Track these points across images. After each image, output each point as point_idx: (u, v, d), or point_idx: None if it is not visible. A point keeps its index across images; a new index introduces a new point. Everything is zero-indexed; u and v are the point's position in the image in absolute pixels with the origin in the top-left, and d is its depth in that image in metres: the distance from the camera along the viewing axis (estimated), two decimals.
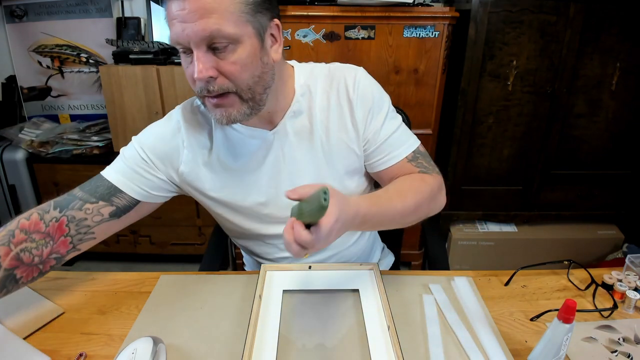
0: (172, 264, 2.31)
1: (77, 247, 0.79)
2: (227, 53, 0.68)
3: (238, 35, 0.67)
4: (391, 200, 0.76)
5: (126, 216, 0.82)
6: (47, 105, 2.39)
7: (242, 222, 0.90)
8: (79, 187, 0.81)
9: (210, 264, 1.06)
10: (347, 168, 0.88)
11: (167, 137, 0.84)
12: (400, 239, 1.26)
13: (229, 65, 0.69)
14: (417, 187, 0.82)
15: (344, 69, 0.87)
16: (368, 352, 0.69)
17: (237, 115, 0.74)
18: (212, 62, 0.68)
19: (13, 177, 2.10)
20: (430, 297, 0.82)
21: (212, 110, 0.75)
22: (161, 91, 1.98)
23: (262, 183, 0.86)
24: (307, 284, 0.84)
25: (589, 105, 1.88)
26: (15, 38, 2.25)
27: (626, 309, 0.81)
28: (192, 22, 0.65)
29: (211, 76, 0.68)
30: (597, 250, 2.13)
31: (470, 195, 2.06)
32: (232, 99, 0.72)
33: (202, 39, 0.66)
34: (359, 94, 0.84)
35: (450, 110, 1.91)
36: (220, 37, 0.66)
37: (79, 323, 0.77)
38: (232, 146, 0.84)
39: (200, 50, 0.67)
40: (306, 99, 0.85)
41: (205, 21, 0.64)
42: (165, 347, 0.68)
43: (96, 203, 0.78)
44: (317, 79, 0.86)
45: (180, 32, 0.66)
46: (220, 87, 0.70)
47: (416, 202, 0.79)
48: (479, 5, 1.68)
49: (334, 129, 0.85)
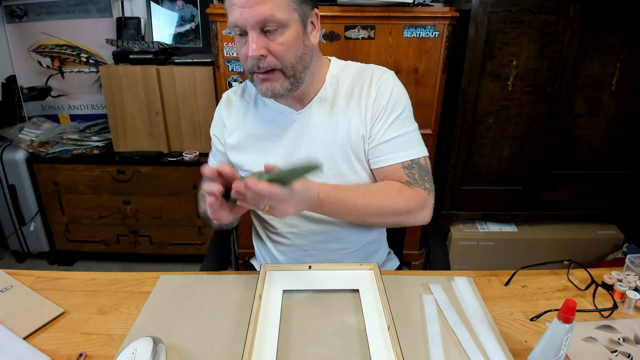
0: (172, 264, 2.31)
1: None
2: (276, 35, 0.79)
3: (286, 20, 0.79)
4: (353, 195, 0.84)
5: None
6: (47, 105, 2.39)
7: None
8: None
9: (211, 264, 1.06)
10: (357, 154, 0.92)
11: (221, 110, 1.01)
12: (401, 240, 1.26)
13: (278, 45, 0.80)
14: (388, 193, 0.87)
15: (376, 67, 0.97)
16: (368, 352, 0.69)
17: (280, 89, 0.85)
18: (264, 42, 0.79)
19: (13, 177, 2.10)
20: (430, 297, 0.83)
21: (259, 85, 0.86)
22: (161, 91, 1.98)
23: (279, 154, 0.94)
24: (307, 284, 0.85)
25: (589, 105, 1.88)
26: (15, 38, 2.26)
27: (626, 309, 0.81)
28: (249, 8, 0.76)
29: (262, 55, 0.80)
30: (597, 250, 2.13)
31: (470, 195, 2.06)
32: (277, 74, 0.83)
33: (257, 22, 0.77)
34: (380, 90, 0.92)
35: (450, 110, 1.91)
36: (272, 22, 0.78)
37: (79, 323, 0.77)
38: (264, 118, 0.96)
39: (255, 31, 0.78)
40: (333, 89, 0.94)
41: (261, 7, 0.76)
42: (165, 347, 0.68)
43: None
44: (347, 73, 0.95)
45: (239, 16, 0.77)
46: (269, 64, 0.81)
47: (379, 207, 0.85)
48: (479, 5, 1.68)
49: (352, 116, 0.92)
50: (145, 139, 2.07)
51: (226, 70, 1.79)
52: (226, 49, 1.74)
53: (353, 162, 0.93)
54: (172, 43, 2.22)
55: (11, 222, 2.20)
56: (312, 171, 0.68)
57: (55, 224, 2.22)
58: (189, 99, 1.99)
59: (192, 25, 2.21)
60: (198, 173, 1.74)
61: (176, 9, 2.19)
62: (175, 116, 2.03)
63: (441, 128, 1.92)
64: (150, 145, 2.09)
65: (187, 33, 2.22)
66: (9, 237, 2.25)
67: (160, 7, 2.19)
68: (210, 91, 1.97)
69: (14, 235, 2.24)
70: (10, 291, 0.84)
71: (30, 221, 2.19)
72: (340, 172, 0.92)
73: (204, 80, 1.96)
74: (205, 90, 1.97)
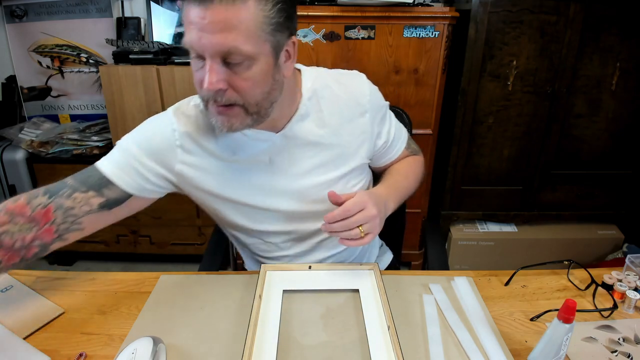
0: (172, 264, 2.31)
1: (62, 237, 0.76)
2: (241, 68, 0.67)
3: (255, 53, 0.67)
4: (405, 186, 0.95)
5: (117, 209, 0.81)
6: (47, 105, 2.39)
7: (243, 220, 0.90)
8: (72, 175, 0.81)
9: (210, 264, 1.06)
10: (353, 168, 0.91)
11: (160, 136, 0.82)
12: (400, 239, 1.26)
13: (241, 81, 0.68)
14: (415, 171, 1.01)
15: (350, 76, 0.91)
16: (368, 352, 0.69)
17: (239, 126, 0.74)
18: (225, 74, 0.67)
19: (13, 177, 2.10)
20: (430, 297, 0.82)
21: (213, 116, 0.73)
22: (161, 91, 1.98)
23: (267, 183, 0.86)
24: (307, 284, 0.84)
25: (589, 105, 1.88)
26: (15, 38, 2.25)
27: (626, 309, 0.81)
28: (210, 34, 0.63)
29: (221, 88, 0.68)
30: (597, 250, 2.12)
31: (470, 195, 2.06)
32: (237, 110, 0.72)
33: (217, 52, 0.65)
34: (373, 103, 0.90)
35: (450, 110, 1.91)
36: (237, 54, 0.65)
37: (79, 323, 0.77)
38: (238, 147, 0.83)
39: (214, 61, 0.66)
40: (313, 103, 0.85)
41: (224, 35, 0.63)
42: (165, 347, 0.68)
43: (85, 192, 0.77)
44: (324, 84, 0.87)
45: (197, 39, 0.64)
46: (228, 99, 0.70)
47: (415, 185, 0.99)
48: (479, 5, 1.68)
49: (344, 132, 0.88)
50: None
51: None
52: None
53: (348, 176, 0.91)
54: (172, 43, 2.22)
55: None
56: None
57: None
58: None
59: None
60: None
61: (176, 9, 2.19)
62: None
63: (441, 128, 1.92)
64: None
65: None
66: None
67: (160, 7, 2.19)
68: None
69: None
70: (10, 291, 0.84)
71: None
72: (338, 190, 0.84)
73: None
74: None
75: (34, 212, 0.73)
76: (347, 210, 0.75)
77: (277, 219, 0.90)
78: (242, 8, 0.63)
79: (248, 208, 0.88)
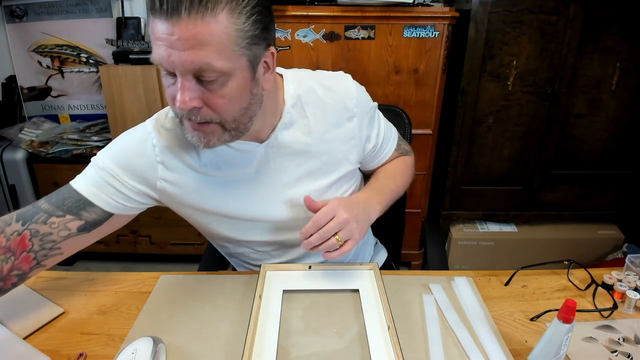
0: (172, 264, 2.31)
1: (41, 264, 0.73)
2: (215, 85, 0.63)
3: (230, 69, 0.62)
4: (393, 189, 0.92)
5: (97, 230, 0.77)
6: (47, 105, 2.39)
7: (232, 232, 0.87)
8: (45, 197, 0.75)
9: (209, 264, 1.06)
10: (343, 175, 0.89)
11: (139, 152, 0.77)
12: (400, 239, 1.26)
13: (217, 98, 0.64)
14: (404, 171, 0.99)
15: (336, 78, 0.86)
16: (368, 352, 0.68)
17: (216, 142, 0.70)
18: (198, 92, 0.63)
19: (13, 177, 2.10)
20: (430, 297, 0.82)
21: (189, 132, 0.69)
22: (161, 91, 1.98)
23: (254, 194, 0.83)
24: (307, 284, 0.84)
25: (589, 105, 1.88)
26: (15, 38, 2.25)
27: (626, 309, 0.81)
28: (179, 50, 0.59)
29: (195, 106, 0.63)
30: (597, 250, 2.13)
31: (470, 195, 2.06)
32: (213, 127, 0.68)
33: (188, 70, 0.61)
34: (360, 106, 0.86)
35: (450, 110, 1.91)
36: (210, 71, 0.61)
37: (79, 323, 0.77)
38: (221, 159, 0.80)
39: (186, 79, 0.62)
40: (297, 110, 0.82)
41: (194, 52, 0.59)
42: (165, 347, 0.68)
43: (63, 217, 0.73)
44: (308, 89, 0.83)
45: (166, 57, 0.60)
46: (204, 117, 0.66)
47: (404, 186, 0.98)
48: (479, 5, 1.68)
49: (332, 138, 0.85)
50: None
51: None
52: None
53: (339, 181, 0.89)
54: None
55: None
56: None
57: None
58: None
59: None
60: None
61: None
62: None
63: (441, 128, 1.92)
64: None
65: None
66: None
67: None
68: None
69: None
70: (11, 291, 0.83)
71: None
72: (328, 196, 0.87)
73: None
74: None
75: (8, 242, 0.69)
76: (317, 221, 0.73)
77: (266, 229, 0.88)
78: (213, 22, 0.58)
79: (236, 220, 0.85)
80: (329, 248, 0.75)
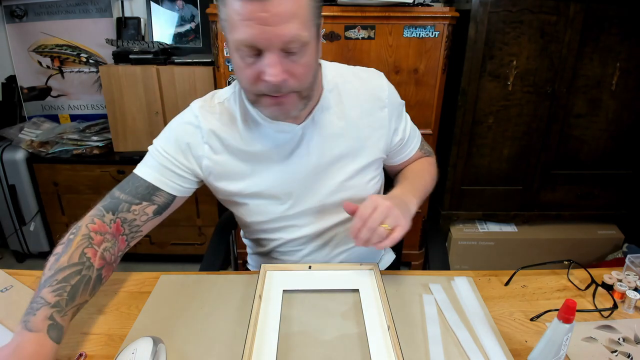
0: (172, 264, 2.31)
1: (129, 244, 0.84)
2: (297, 56, 0.69)
3: (309, 38, 0.69)
4: (422, 185, 0.95)
5: (167, 211, 0.88)
6: (47, 105, 2.39)
7: (264, 211, 0.91)
8: (118, 188, 0.83)
9: (210, 264, 1.06)
10: (370, 161, 0.92)
11: (186, 134, 0.85)
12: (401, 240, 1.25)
13: (299, 67, 0.70)
14: (429, 170, 1.02)
15: (371, 72, 0.93)
16: (368, 352, 0.68)
17: (294, 112, 0.77)
18: (286, 65, 0.68)
19: (13, 177, 2.10)
20: (431, 297, 0.82)
21: (267, 107, 0.75)
22: (161, 91, 1.98)
23: (289, 174, 0.88)
24: (307, 284, 0.84)
25: (589, 105, 1.88)
26: (15, 38, 2.26)
27: (626, 309, 0.81)
28: (274, 26, 0.64)
29: (285, 78, 0.69)
30: (597, 250, 2.13)
31: (470, 195, 2.06)
32: (292, 97, 0.74)
33: (282, 43, 0.66)
34: (391, 99, 0.91)
35: (450, 110, 1.91)
36: (298, 42, 0.67)
37: (79, 323, 0.77)
38: (260, 139, 0.85)
39: (275, 53, 0.67)
40: (334, 96, 0.87)
41: (287, 26, 0.64)
42: (165, 347, 0.68)
43: (140, 204, 0.82)
44: (345, 79, 0.89)
45: (258, 34, 0.64)
46: (289, 88, 0.71)
47: (431, 184, 1.00)
48: (479, 5, 1.68)
49: (364, 125, 0.89)
50: (145, 139, 2.07)
51: (226, 70, 1.79)
52: (226, 49, 1.74)
53: (365, 170, 0.92)
54: (172, 43, 2.22)
55: (11, 222, 2.20)
56: None
57: (55, 224, 2.22)
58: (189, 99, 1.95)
59: (192, 25, 2.21)
60: None
61: (176, 9, 2.19)
62: (175, 116, 2.03)
63: (441, 128, 1.92)
64: (150, 145, 2.08)
65: (187, 33, 2.22)
66: (9, 237, 2.25)
67: (160, 7, 2.19)
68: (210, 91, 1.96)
69: (14, 235, 2.24)
70: (10, 291, 0.84)
71: (30, 221, 2.19)
72: (355, 184, 0.91)
73: (204, 80, 1.96)
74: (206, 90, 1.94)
75: (110, 229, 0.79)
76: (362, 215, 0.75)
77: (297, 211, 0.91)
78: None
79: (271, 200, 0.90)
80: (380, 238, 0.75)
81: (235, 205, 0.94)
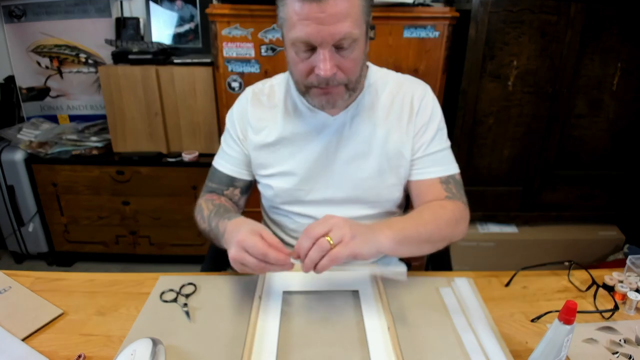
0: (172, 264, 2.31)
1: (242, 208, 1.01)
2: (347, 52, 0.75)
3: (359, 35, 0.75)
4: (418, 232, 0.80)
5: (251, 189, 1.02)
6: (46, 106, 2.39)
7: (284, 188, 0.94)
8: (209, 179, 0.99)
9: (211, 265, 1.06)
10: (393, 167, 0.92)
11: (240, 116, 0.95)
12: None
13: (348, 62, 0.77)
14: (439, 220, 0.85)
15: (415, 81, 0.96)
16: (368, 353, 0.68)
17: (340, 102, 0.83)
18: (337, 59, 0.75)
19: (12, 178, 2.09)
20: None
21: (316, 98, 0.82)
22: (160, 91, 1.98)
23: (312, 162, 0.91)
24: (307, 285, 0.84)
25: (589, 106, 1.88)
26: (13, 38, 2.25)
27: (627, 310, 0.80)
28: (329, 25, 0.71)
29: (335, 73, 0.76)
30: (597, 251, 2.12)
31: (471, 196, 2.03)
32: (340, 89, 0.80)
33: (335, 40, 0.72)
34: (423, 105, 0.92)
35: (450, 111, 1.91)
36: (349, 39, 0.73)
37: (78, 324, 0.76)
38: (297, 128, 0.91)
39: (328, 50, 0.73)
40: (371, 97, 0.91)
41: (341, 25, 0.71)
42: (164, 348, 0.68)
43: (228, 189, 0.97)
44: (386, 82, 0.93)
45: (315, 32, 0.71)
46: (338, 81, 0.78)
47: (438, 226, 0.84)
48: (479, 5, 1.68)
49: (391, 127, 0.91)
50: (144, 139, 2.07)
51: (225, 71, 1.78)
52: (226, 49, 1.74)
53: (387, 174, 0.92)
54: (172, 43, 2.22)
55: (10, 223, 2.20)
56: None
57: (54, 225, 2.22)
58: (188, 99, 1.99)
59: (192, 25, 2.21)
60: (197, 174, 1.79)
61: (175, 9, 2.19)
62: (175, 117, 2.03)
63: None
64: (149, 146, 2.09)
65: (187, 33, 2.22)
66: (7, 238, 2.25)
67: (160, 7, 2.19)
68: (209, 92, 1.96)
69: (12, 236, 2.23)
70: (9, 292, 0.83)
71: (29, 222, 2.19)
72: (374, 184, 0.92)
73: (203, 81, 1.96)
74: (205, 91, 1.97)
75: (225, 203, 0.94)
76: (308, 227, 0.69)
77: (314, 199, 0.94)
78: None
79: (292, 178, 0.93)
80: (320, 251, 0.66)
81: (262, 178, 0.98)
